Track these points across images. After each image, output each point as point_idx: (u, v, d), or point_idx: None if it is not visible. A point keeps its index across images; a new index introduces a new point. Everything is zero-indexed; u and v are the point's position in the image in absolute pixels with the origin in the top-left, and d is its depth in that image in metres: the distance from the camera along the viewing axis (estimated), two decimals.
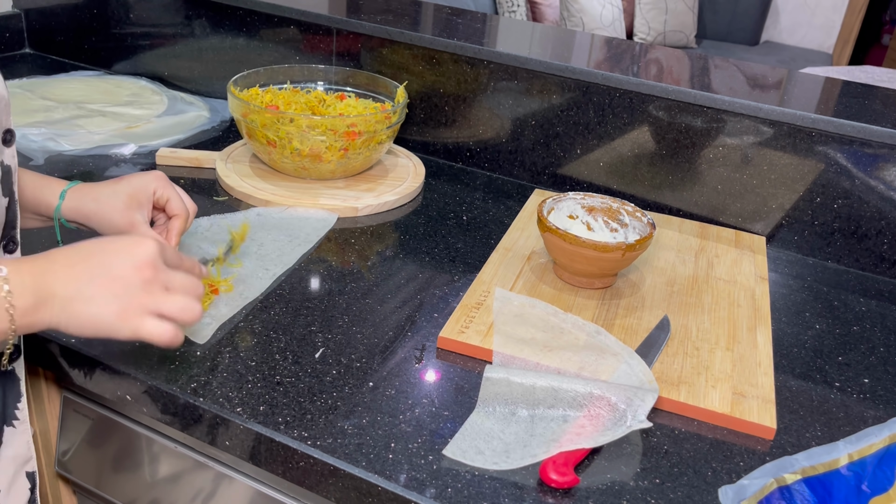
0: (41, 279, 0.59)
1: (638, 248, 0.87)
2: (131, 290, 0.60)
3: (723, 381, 0.77)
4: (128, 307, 0.60)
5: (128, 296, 0.60)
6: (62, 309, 0.59)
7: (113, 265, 0.60)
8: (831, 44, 4.11)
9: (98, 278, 0.60)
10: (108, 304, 0.59)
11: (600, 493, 0.64)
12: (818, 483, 0.64)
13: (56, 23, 1.53)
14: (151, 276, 0.61)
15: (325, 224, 1.01)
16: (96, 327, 0.60)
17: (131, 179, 0.78)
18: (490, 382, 0.71)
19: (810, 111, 1.04)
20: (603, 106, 1.15)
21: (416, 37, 1.22)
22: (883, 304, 0.99)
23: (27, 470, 0.71)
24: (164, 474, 0.81)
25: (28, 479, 0.71)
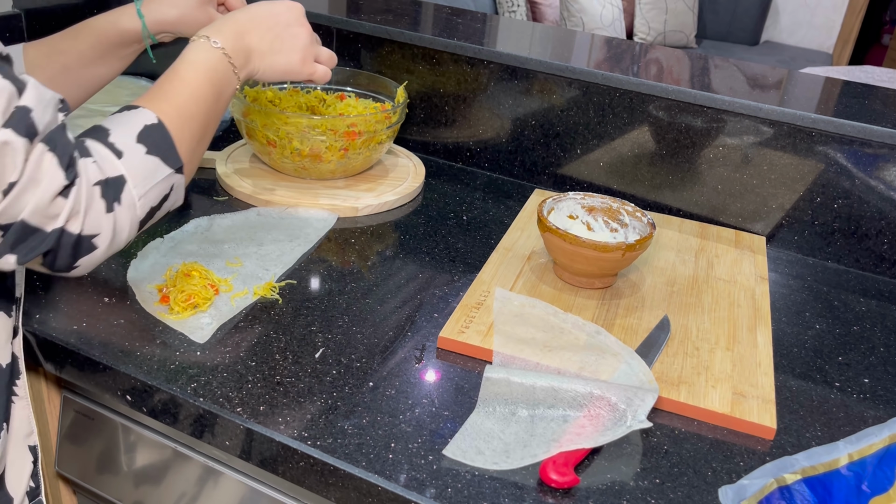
0: (240, 41, 0.74)
1: (638, 248, 0.87)
2: (306, 42, 0.79)
3: (723, 381, 0.77)
4: (306, 55, 0.79)
5: (305, 47, 0.79)
6: (261, 61, 0.76)
7: (288, 23, 0.78)
8: (831, 44, 4.11)
9: (281, 34, 0.77)
10: (295, 53, 0.78)
11: (600, 493, 0.64)
12: (818, 483, 0.64)
13: (56, 23, 1.53)
14: (310, 30, 0.80)
15: (325, 224, 1.01)
16: (286, 72, 0.79)
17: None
18: (490, 382, 0.71)
19: (810, 111, 1.04)
20: (603, 106, 1.15)
21: (416, 37, 1.22)
22: (883, 304, 0.99)
23: (29, 444, 0.72)
24: (164, 474, 0.81)
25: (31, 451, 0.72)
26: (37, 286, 0.82)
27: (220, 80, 0.71)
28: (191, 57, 0.71)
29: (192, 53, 0.71)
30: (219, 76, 0.71)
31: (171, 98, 0.67)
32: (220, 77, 0.71)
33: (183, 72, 0.70)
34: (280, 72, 0.78)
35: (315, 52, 0.80)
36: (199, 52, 0.71)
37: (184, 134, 0.66)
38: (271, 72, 0.77)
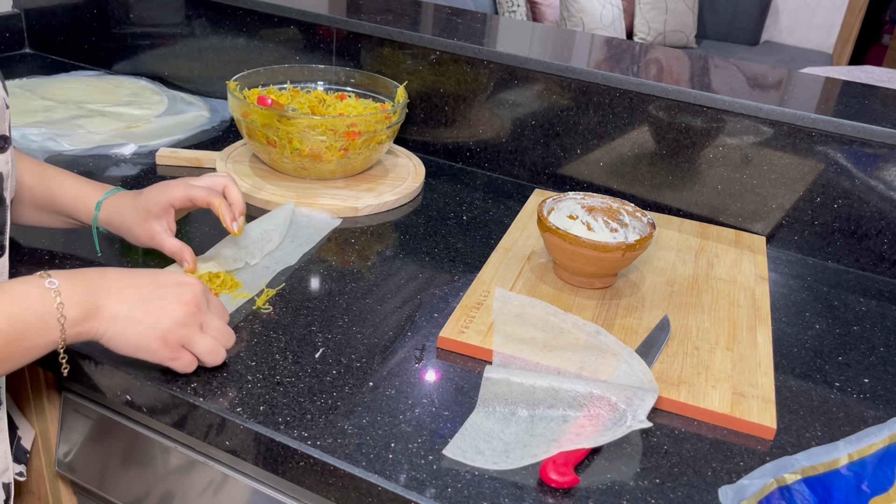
0: (94, 294, 0.63)
1: (638, 248, 0.87)
2: (175, 321, 0.66)
3: (723, 381, 0.77)
4: (169, 336, 0.66)
5: (171, 326, 0.66)
6: (109, 325, 0.64)
7: (164, 295, 0.66)
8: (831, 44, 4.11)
9: (147, 304, 0.65)
10: (154, 330, 0.65)
11: (600, 493, 0.64)
12: (818, 483, 0.64)
13: (56, 23, 1.53)
14: (194, 312, 0.67)
15: (327, 226, 1.01)
16: (137, 348, 0.66)
17: (148, 193, 0.81)
18: (490, 382, 0.71)
19: (810, 111, 1.04)
20: (603, 106, 1.15)
21: (416, 37, 1.22)
22: (883, 304, 0.99)
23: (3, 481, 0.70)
24: (164, 474, 0.81)
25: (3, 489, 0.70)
26: None
27: (28, 322, 0.59)
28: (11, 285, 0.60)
29: (15, 282, 0.61)
30: (29, 316, 0.59)
31: None
32: (31, 319, 0.59)
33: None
34: (132, 345, 0.65)
35: (187, 338, 0.67)
36: (24, 283, 0.61)
37: None
38: (120, 340, 0.65)
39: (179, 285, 0.68)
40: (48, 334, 0.61)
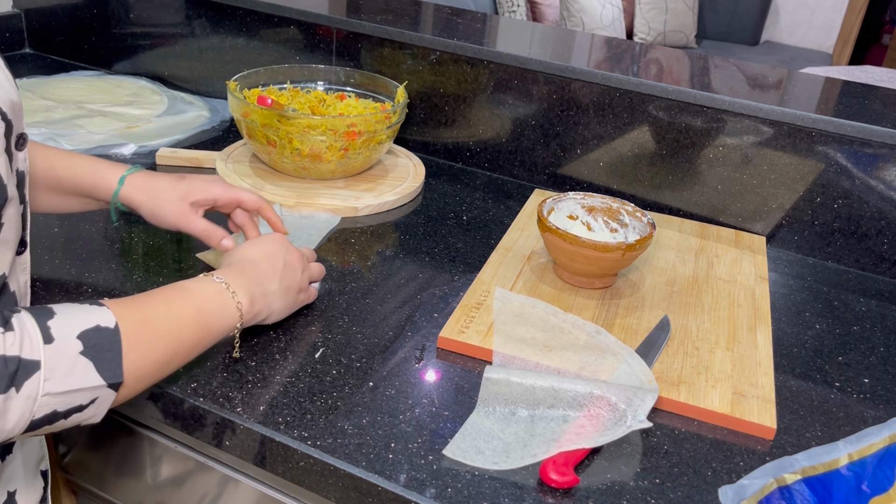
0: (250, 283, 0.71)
1: (638, 248, 0.87)
2: (300, 270, 0.78)
3: (723, 381, 0.77)
4: (304, 283, 0.79)
5: (301, 276, 0.78)
6: (267, 302, 0.73)
7: (284, 261, 0.76)
8: (831, 44, 4.11)
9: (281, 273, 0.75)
10: (294, 291, 0.77)
11: (600, 493, 0.64)
12: (818, 483, 0.64)
13: (56, 23, 1.53)
14: (299, 257, 0.79)
15: (327, 225, 1.01)
16: (289, 307, 0.78)
17: (193, 180, 0.84)
18: (490, 382, 0.71)
19: (810, 111, 1.04)
20: (603, 106, 1.15)
21: (416, 37, 1.22)
22: (883, 304, 0.99)
23: (41, 469, 0.71)
24: (164, 474, 0.81)
25: (42, 477, 0.71)
26: (37, 284, 0.82)
27: (213, 311, 0.66)
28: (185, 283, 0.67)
29: (187, 282, 0.67)
30: (213, 305, 0.67)
31: (142, 308, 0.61)
32: (214, 307, 0.67)
33: (170, 290, 0.65)
34: (286, 310, 0.77)
35: (306, 279, 0.80)
36: (197, 281, 0.68)
37: (139, 350, 0.58)
38: (278, 312, 0.76)
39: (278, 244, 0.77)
40: (230, 320, 0.68)
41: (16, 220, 0.64)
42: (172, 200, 0.82)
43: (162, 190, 0.82)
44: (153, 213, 0.83)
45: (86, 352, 0.54)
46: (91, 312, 0.56)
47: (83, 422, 0.57)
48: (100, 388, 0.55)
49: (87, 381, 0.54)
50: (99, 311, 0.57)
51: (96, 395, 0.55)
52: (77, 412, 0.55)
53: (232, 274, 0.71)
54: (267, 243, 0.77)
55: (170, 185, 0.83)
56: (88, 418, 0.57)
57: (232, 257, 0.75)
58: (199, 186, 0.83)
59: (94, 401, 0.55)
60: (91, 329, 0.55)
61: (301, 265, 0.78)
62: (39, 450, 0.71)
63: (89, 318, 0.56)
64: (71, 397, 0.53)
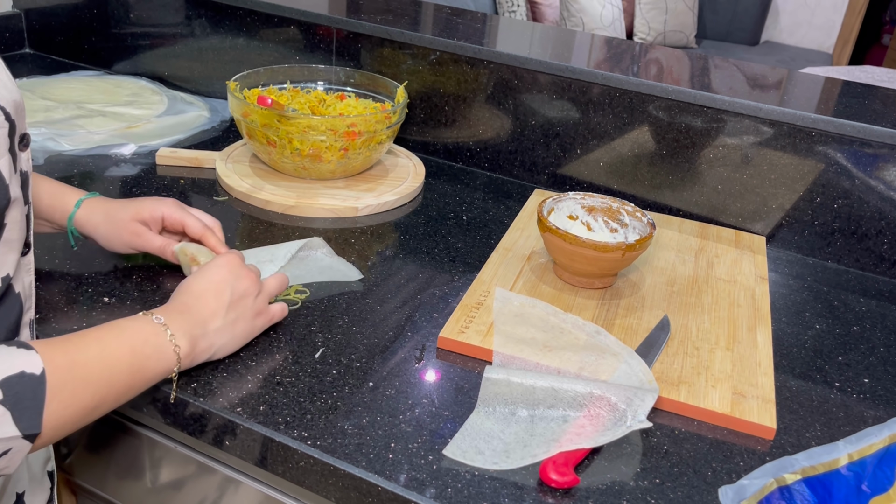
0: (192, 322, 0.68)
1: (638, 248, 0.87)
2: (254, 295, 0.74)
3: (723, 381, 0.77)
4: (259, 307, 0.74)
5: (254, 301, 0.74)
6: (210, 342, 0.70)
7: (233, 288, 0.72)
8: (831, 44, 4.11)
9: (229, 302, 0.71)
10: (247, 319, 0.73)
11: (600, 493, 0.64)
12: (818, 483, 0.64)
13: (56, 23, 1.53)
14: (255, 277, 0.75)
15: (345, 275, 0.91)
16: (244, 337, 0.74)
17: (144, 201, 0.83)
18: (490, 382, 0.71)
19: (810, 111, 1.04)
20: (603, 106, 1.15)
21: (416, 37, 1.22)
22: (883, 304, 0.99)
23: (48, 469, 0.71)
24: (164, 475, 0.81)
25: (49, 477, 0.71)
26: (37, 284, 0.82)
27: (148, 354, 0.63)
28: (121, 322, 0.64)
29: (124, 321, 0.64)
30: (148, 348, 0.63)
31: (72, 351, 0.58)
32: (150, 351, 0.63)
33: (105, 329, 0.62)
34: (242, 339, 0.74)
35: (263, 300, 0.75)
36: (134, 321, 0.64)
37: (63, 398, 0.55)
38: (233, 343, 0.73)
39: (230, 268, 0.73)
40: (164, 362, 0.65)
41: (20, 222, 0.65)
42: (124, 220, 0.82)
43: (112, 211, 0.82)
44: (104, 238, 0.83)
45: (5, 401, 0.51)
46: (17, 357, 0.53)
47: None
48: (14, 439, 0.52)
49: (2, 431, 0.51)
50: (26, 356, 0.54)
51: (10, 447, 0.52)
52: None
53: (172, 313, 0.67)
54: (214, 272, 0.73)
55: (119, 206, 0.83)
56: (1, 469, 0.53)
57: (179, 289, 0.72)
58: (148, 205, 0.83)
59: (7, 451, 0.52)
60: (14, 376, 0.52)
61: (253, 290, 0.74)
62: (46, 451, 0.71)
63: (15, 362, 0.53)
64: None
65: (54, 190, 0.82)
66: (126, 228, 0.82)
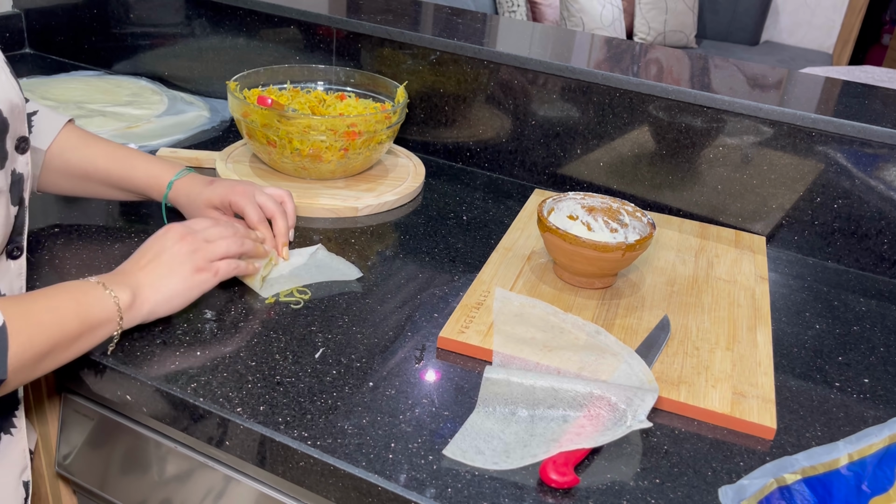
0: (127, 279, 0.72)
1: (638, 248, 0.87)
2: (188, 253, 0.76)
3: (723, 381, 0.77)
4: (195, 265, 0.76)
5: (189, 259, 0.76)
6: (152, 294, 0.73)
7: (163, 248, 0.75)
8: (831, 44, 4.11)
9: (164, 262, 0.75)
10: (182, 272, 0.75)
11: (600, 493, 0.64)
12: (818, 483, 0.64)
13: (56, 23, 1.53)
14: (192, 238, 0.77)
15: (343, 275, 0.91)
16: (185, 291, 0.75)
17: (217, 187, 0.90)
18: (490, 382, 0.71)
19: (810, 111, 1.04)
20: (603, 106, 1.15)
21: (416, 37, 1.22)
22: (883, 304, 0.99)
23: (23, 479, 0.71)
24: (165, 475, 0.81)
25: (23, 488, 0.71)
26: (36, 284, 0.82)
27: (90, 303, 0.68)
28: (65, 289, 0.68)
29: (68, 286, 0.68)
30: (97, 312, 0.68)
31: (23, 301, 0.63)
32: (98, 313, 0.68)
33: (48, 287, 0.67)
34: (180, 295, 0.75)
35: (205, 255, 0.77)
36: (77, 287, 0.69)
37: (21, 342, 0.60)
38: (166, 299, 0.74)
39: (164, 235, 0.77)
40: (109, 314, 0.69)
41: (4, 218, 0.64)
42: (200, 206, 0.89)
43: (193, 196, 0.90)
44: (189, 214, 0.92)
45: None
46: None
47: None
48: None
49: None
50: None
51: None
52: None
53: (107, 275, 0.72)
54: (156, 234, 0.78)
55: (200, 188, 0.90)
56: None
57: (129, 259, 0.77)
58: (220, 191, 0.89)
59: None
60: None
61: (187, 248, 0.76)
62: (22, 460, 0.71)
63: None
64: None
65: (151, 170, 0.90)
66: (201, 214, 0.90)
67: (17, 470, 0.70)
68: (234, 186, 0.89)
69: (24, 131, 0.68)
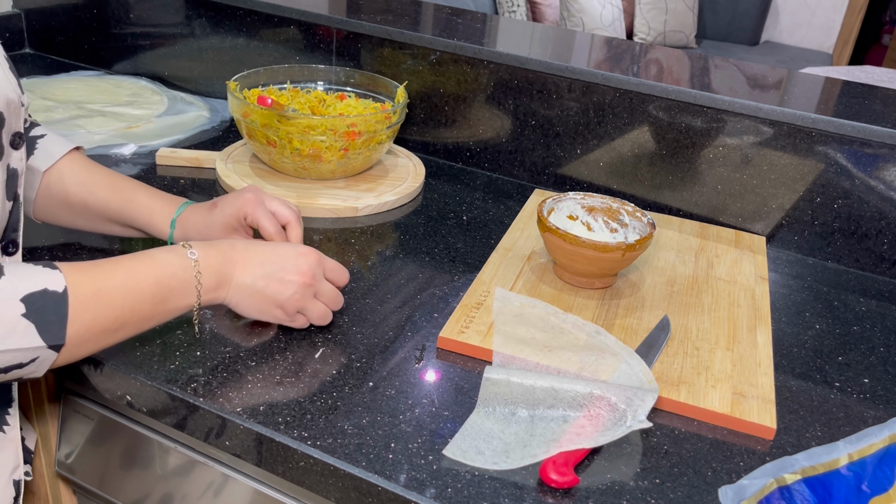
0: (225, 264, 0.70)
1: (638, 248, 0.87)
2: (293, 292, 0.73)
3: (723, 381, 0.77)
4: (287, 305, 0.73)
5: (290, 296, 0.73)
6: (235, 293, 0.71)
7: (283, 267, 0.72)
8: (831, 44, 4.11)
9: (269, 275, 0.72)
10: (273, 300, 0.73)
11: (600, 493, 0.64)
12: (818, 483, 0.64)
13: (56, 23, 1.53)
14: (310, 282, 0.74)
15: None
16: (259, 312, 0.74)
17: (224, 206, 0.83)
18: (490, 382, 0.71)
19: (810, 111, 1.04)
20: (603, 106, 1.15)
21: (416, 37, 1.22)
22: (883, 304, 0.99)
23: (14, 478, 0.70)
24: (165, 474, 0.81)
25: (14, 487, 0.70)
26: None
27: (172, 287, 0.66)
28: (156, 252, 0.67)
29: (159, 251, 0.67)
30: (174, 282, 0.66)
31: (98, 275, 0.61)
32: (175, 284, 0.66)
33: (136, 259, 0.65)
34: (255, 310, 0.74)
35: (302, 306, 0.74)
36: (168, 252, 0.67)
37: (86, 317, 0.59)
38: (244, 306, 0.73)
39: (297, 256, 0.74)
40: (187, 298, 0.68)
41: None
42: (216, 232, 0.83)
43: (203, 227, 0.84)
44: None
45: (28, 314, 0.56)
46: (41, 275, 0.58)
47: (24, 377, 0.60)
48: (40, 349, 0.58)
49: (28, 342, 0.57)
50: (49, 274, 0.58)
51: (37, 355, 0.58)
52: (17, 368, 0.58)
53: (211, 251, 0.70)
54: (290, 247, 0.75)
55: (206, 222, 0.84)
56: (29, 373, 0.60)
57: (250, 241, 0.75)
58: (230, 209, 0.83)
59: (35, 360, 0.58)
60: (37, 292, 0.57)
61: (298, 289, 0.73)
62: (14, 458, 0.70)
63: (37, 280, 0.57)
64: (10, 356, 0.56)
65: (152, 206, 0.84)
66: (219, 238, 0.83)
67: (9, 468, 0.69)
68: (240, 197, 0.83)
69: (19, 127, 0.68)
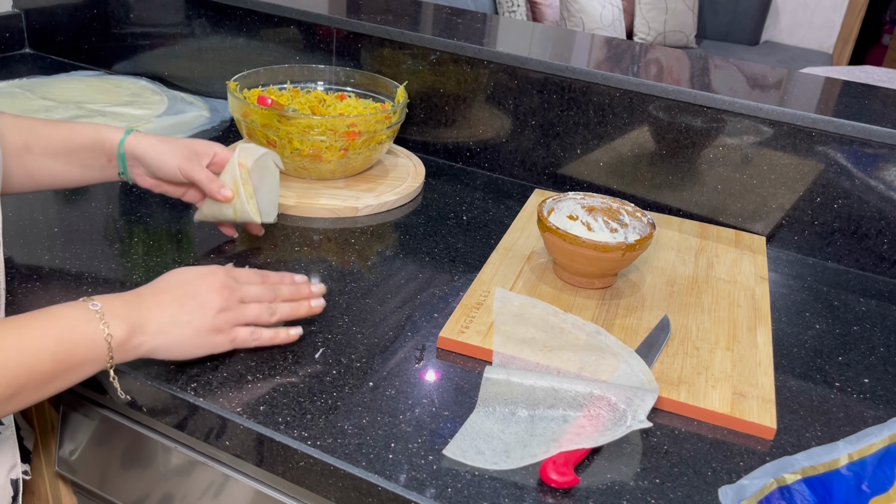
0: (134, 311, 0.65)
1: (638, 248, 0.87)
2: (217, 309, 0.69)
3: (723, 381, 0.77)
4: (219, 324, 0.69)
5: (215, 315, 0.69)
6: (159, 338, 0.66)
7: (196, 292, 0.68)
8: (831, 44, 4.11)
9: (184, 305, 0.67)
10: (202, 325, 0.68)
11: (600, 493, 0.64)
12: (818, 483, 0.64)
13: (56, 23, 1.53)
14: (228, 294, 0.70)
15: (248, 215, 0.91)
16: (194, 347, 0.68)
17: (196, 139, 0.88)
18: (490, 382, 0.71)
19: (810, 111, 1.04)
20: (603, 106, 1.15)
21: (416, 37, 1.22)
22: (883, 304, 0.99)
23: (12, 477, 0.70)
24: (164, 474, 0.81)
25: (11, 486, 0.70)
26: (36, 284, 0.82)
27: (76, 342, 0.61)
28: (53, 308, 0.62)
29: (57, 307, 0.62)
30: (77, 336, 0.61)
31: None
32: (78, 338, 0.61)
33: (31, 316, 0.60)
34: (189, 346, 0.68)
35: (233, 318, 0.70)
36: (67, 307, 0.62)
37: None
38: (175, 348, 0.67)
39: (204, 276, 0.70)
40: (96, 352, 0.62)
41: None
42: (178, 146, 0.84)
43: (167, 136, 0.86)
44: (160, 155, 0.83)
45: None
46: None
47: None
48: None
49: None
50: None
51: None
52: None
53: (116, 301, 0.65)
54: (197, 271, 0.70)
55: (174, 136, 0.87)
56: None
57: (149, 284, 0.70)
58: (201, 141, 0.87)
59: None
60: None
61: (219, 304, 0.69)
62: (12, 458, 0.70)
63: None
64: None
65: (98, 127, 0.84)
66: (180, 151, 0.84)
67: (6, 468, 0.69)
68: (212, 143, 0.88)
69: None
